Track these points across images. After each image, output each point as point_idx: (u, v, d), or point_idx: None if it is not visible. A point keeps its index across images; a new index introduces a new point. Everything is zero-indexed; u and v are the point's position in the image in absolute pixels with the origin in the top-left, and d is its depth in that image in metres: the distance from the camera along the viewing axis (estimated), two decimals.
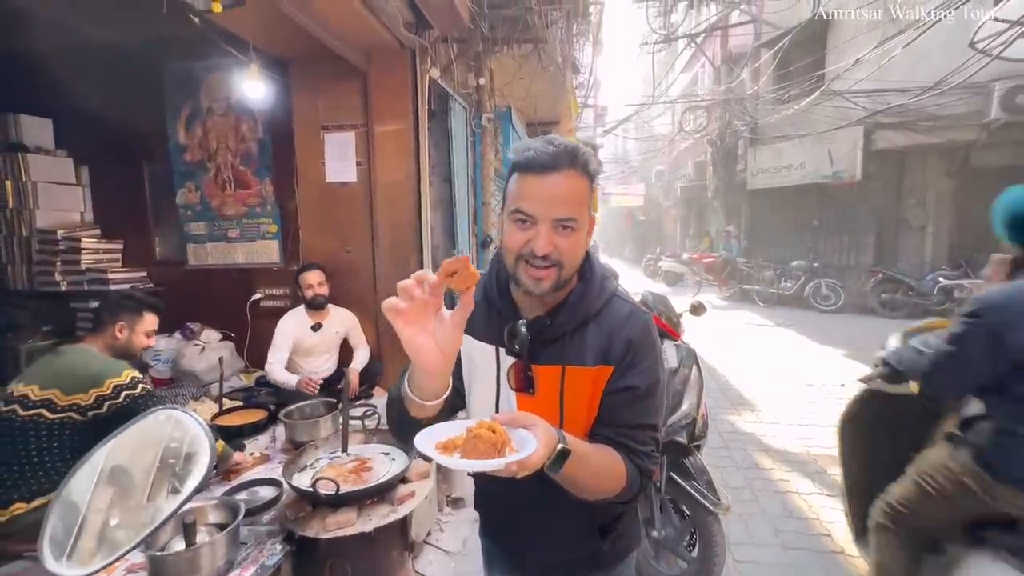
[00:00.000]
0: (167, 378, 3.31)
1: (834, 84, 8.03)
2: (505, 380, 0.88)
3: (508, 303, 0.89)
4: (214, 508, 1.59)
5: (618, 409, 0.84)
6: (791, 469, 3.18)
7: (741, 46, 11.79)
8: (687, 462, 2.04)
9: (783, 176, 10.33)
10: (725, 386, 5.00)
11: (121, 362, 1.79)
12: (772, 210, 11.28)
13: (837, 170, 9.22)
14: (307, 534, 1.59)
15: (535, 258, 0.77)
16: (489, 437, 0.63)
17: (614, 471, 0.81)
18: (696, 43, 12.24)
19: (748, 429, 3.85)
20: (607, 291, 0.89)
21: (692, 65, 15.69)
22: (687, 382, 2.13)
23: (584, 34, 5.50)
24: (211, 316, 3.49)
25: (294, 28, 2.43)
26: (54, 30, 2.82)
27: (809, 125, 9.41)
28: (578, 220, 0.78)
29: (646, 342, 0.86)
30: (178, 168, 3.45)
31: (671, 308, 2.46)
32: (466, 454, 0.63)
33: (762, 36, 10.69)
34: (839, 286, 9.14)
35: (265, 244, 3.44)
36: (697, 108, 13.17)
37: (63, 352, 1.79)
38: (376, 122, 3.03)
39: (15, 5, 2.55)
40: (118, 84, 3.26)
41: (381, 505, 1.74)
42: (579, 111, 7.84)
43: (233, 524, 1.47)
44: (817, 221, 10.29)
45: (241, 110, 3.31)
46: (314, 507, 1.70)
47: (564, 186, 0.77)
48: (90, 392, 1.67)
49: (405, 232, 3.10)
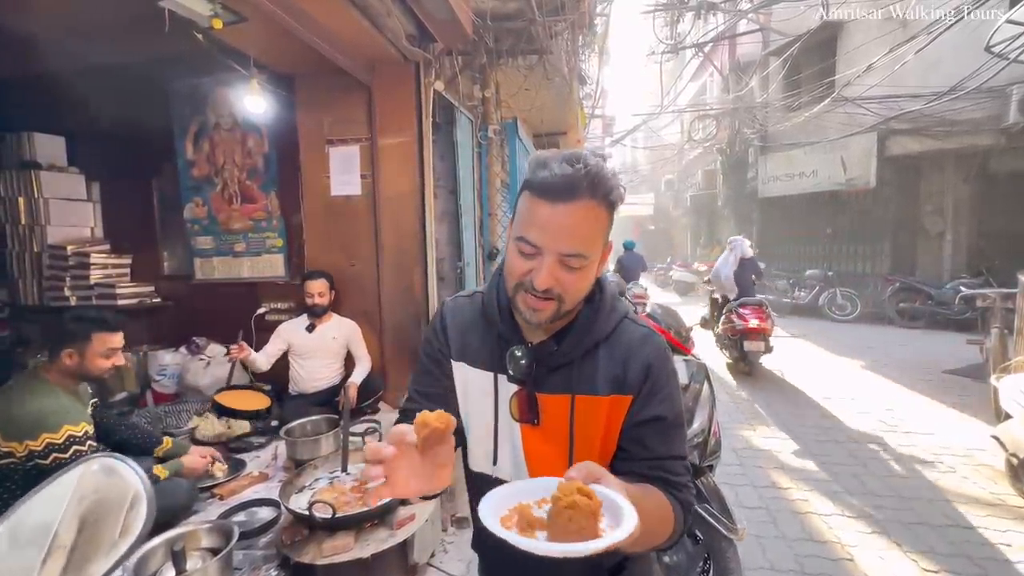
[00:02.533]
0: (172, 393, 3.31)
1: (845, 91, 7.93)
2: (506, 410, 0.82)
3: (510, 325, 0.82)
4: (207, 532, 1.55)
5: (647, 441, 0.78)
6: (810, 489, 3.05)
7: (749, 54, 11.76)
8: (699, 483, 1.96)
9: (795, 184, 10.20)
10: (739, 399, 4.87)
11: (64, 411, 1.58)
12: (784, 218, 11.13)
13: (850, 177, 9.09)
14: (302, 560, 1.54)
15: (535, 289, 0.71)
16: (587, 505, 0.51)
17: (665, 511, 0.73)
18: (703, 52, 12.24)
19: (764, 445, 3.73)
20: (618, 313, 0.83)
21: (700, 74, 15.68)
22: (698, 399, 2.05)
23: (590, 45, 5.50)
24: (217, 330, 3.48)
25: (298, 43, 2.43)
26: (65, 52, 2.87)
27: (820, 132, 9.30)
28: (588, 256, 0.71)
29: (666, 367, 0.80)
30: (186, 183, 3.48)
31: (681, 322, 2.39)
32: (559, 529, 0.51)
33: (770, 44, 10.64)
34: (855, 295, 8.94)
35: (270, 258, 3.43)
36: (706, 117, 13.12)
37: (16, 385, 1.62)
38: (380, 135, 3.03)
39: (28, 30, 2.61)
40: (128, 102, 3.30)
41: (380, 529, 1.69)
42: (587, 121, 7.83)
43: (225, 550, 1.42)
44: (831, 229, 10.13)
45: (248, 125, 3.33)
46: (311, 531, 1.65)
47: (577, 218, 0.68)
48: (25, 443, 1.50)
49: (409, 244, 3.07)
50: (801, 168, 10.02)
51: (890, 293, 8.37)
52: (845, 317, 8.90)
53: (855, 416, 4.26)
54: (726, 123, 12.65)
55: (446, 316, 0.90)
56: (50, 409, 1.56)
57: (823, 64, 9.34)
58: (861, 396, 4.80)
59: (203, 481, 2.13)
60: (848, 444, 3.68)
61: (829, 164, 9.39)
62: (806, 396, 4.88)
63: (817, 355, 6.64)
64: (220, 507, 1.92)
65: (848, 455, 3.49)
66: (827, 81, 8.85)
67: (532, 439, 0.81)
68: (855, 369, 5.83)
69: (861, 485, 3.07)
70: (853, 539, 2.51)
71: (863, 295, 8.98)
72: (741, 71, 12.02)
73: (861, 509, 2.80)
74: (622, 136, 14.88)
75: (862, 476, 3.18)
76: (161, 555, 1.42)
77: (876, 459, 3.42)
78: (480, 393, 0.84)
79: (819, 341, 7.43)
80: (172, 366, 3.32)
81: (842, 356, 6.47)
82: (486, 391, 0.83)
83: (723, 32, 11.64)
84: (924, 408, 4.40)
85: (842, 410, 4.43)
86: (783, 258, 11.10)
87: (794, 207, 10.69)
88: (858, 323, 8.68)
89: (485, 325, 0.86)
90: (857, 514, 2.75)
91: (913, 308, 8.13)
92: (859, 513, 2.76)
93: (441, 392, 0.88)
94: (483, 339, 0.85)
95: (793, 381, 5.40)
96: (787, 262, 10.93)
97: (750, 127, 11.53)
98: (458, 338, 0.87)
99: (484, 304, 0.86)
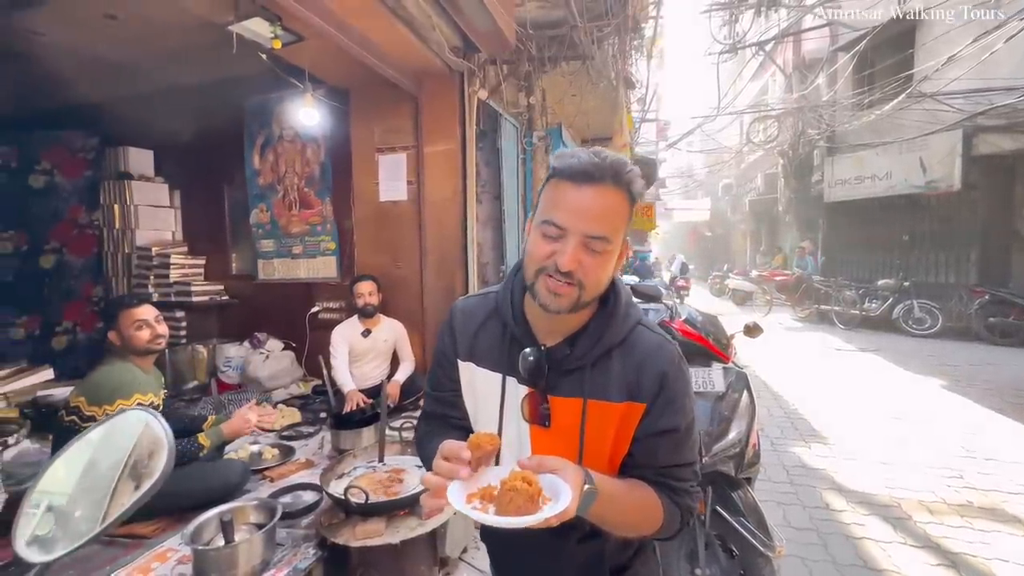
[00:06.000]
0: (236, 383, 3.59)
1: (923, 85, 7.30)
2: (512, 411, 0.83)
3: (523, 325, 0.84)
4: (254, 508, 1.68)
5: (658, 452, 0.80)
6: (868, 513, 2.82)
7: (815, 51, 11.10)
8: (735, 496, 1.88)
9: (866, 187, 9.48)
10: (794, 415, 4.58)
11: (137, 383, 1.83)
12: (853, 224, 10.36)
13: (931, 179, 8.32)
14: (338, 541, 1.64)
15: (557, 272, 0.72)
16: (525, 490, 0.61)
17: (648, 508, 0.77)
18: (765, 51, 11.69)
19: (818, 464, 3.49)
20: (632, 319, 0.83)
21: (761, 74, 14.99)
22: (735, 408, 1.97)
23: (638, 48, 5.43)
24: (276, 327, 3.75)
25: (350, 59, 2.61)
26: (154, 76, 3.25)
27: (895, 131, 8.60)
28: (611, 240, 0.73)
29: (680, 376, 0.80)
30: (252, 190, 3.79)
31: (721, 329, 2.31)
32: (502, 508, 0.61)
33: (839, 40, 10.00)
34: (935, 308, 8.14)
35: (324, 260, 3.66)
36: (767, 118, 12.50)
37: (101, 362, 1.90)
38: (426, 143, 3.16)
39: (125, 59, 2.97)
40: (205, 118, 3.67)
41: (410, 518, 1.76)
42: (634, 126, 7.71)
43: (268, 525, 1.54)
44: (908, 236, 9.30)
45: (307, 136, 3.58)
46: (346, 515, 1.74)
47: (602, 201, 0.72)
48: (103, 407, 1.73)
49: (452, 248, 3.17)
50: (873, 170, 9.30)
51: (978, 306, 7.56)
52: (923, 331, 8.12)
53: (930, 439, 3.89)
54: (789, 124, 11.98)
55: (455, 316, 0.92)
56: (125, 380, 1.81)
57: (899, 57, 8.65)
58: (939, 418, 4.37)
59: (257, 463, 2.31)
60: (920, 469, 3.37)
61: (906, 165, 8.65)
62: (873, 415, 4.51)
63: (889, 371, 6.12)
64: (270, 488, 2.08)
65: (919, 480, 3.20)
66: (903, 76, 8.18)
67: (541, 441, 0.82)
68: (933, 389, 5.32)
69: (931, 514, 2.80)
70: (917, 571, 2.30)
71: (945, 308, 8.16)
72: (806, 69, 11.37)
73: (929, 539, 2.56)
74: (677, 140, 14.48)
75: (933, 504, 2.90)
76: (214, 526, 1.56)
77: (952, 487, 3.11)
78: (487, 393, 0.86)
79: (892, 357, 6.83)
80: (236, 358, 3.61)
81: (918, 374, 5.92)
82: (493, 392, 0.85)
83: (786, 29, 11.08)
84: (1013, 435, 3.95)
85: (915, 432, 4.05)
86: (851, 267, 10.32)
87: (864, 212, 9.93)
88: (938, 338, 7.89)
89: (497, 326, 0.87)
90: (923, 544, 2.51)
91: (1005, 323, 7.29)
92: (926, 543, 2.52)
93: (451, 391, 0.91)
94: (494, 340, 0.86)
95: (858, 398, 5.01)
96: (855, 271, 10.14)
97: (815, 128, 10.86)
98: (466, 338, 0.89)
99: (498, 304, 0.87)
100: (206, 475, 1.91)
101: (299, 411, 2.99)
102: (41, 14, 2.42)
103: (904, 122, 8.25)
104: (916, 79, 7.64)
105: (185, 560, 1.57)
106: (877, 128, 8.81)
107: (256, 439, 2.62)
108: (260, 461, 2.35)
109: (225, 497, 1.84)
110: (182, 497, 1.79)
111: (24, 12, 2.39)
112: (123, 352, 1.91)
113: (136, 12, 2.49)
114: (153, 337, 1.93)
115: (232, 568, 1.45)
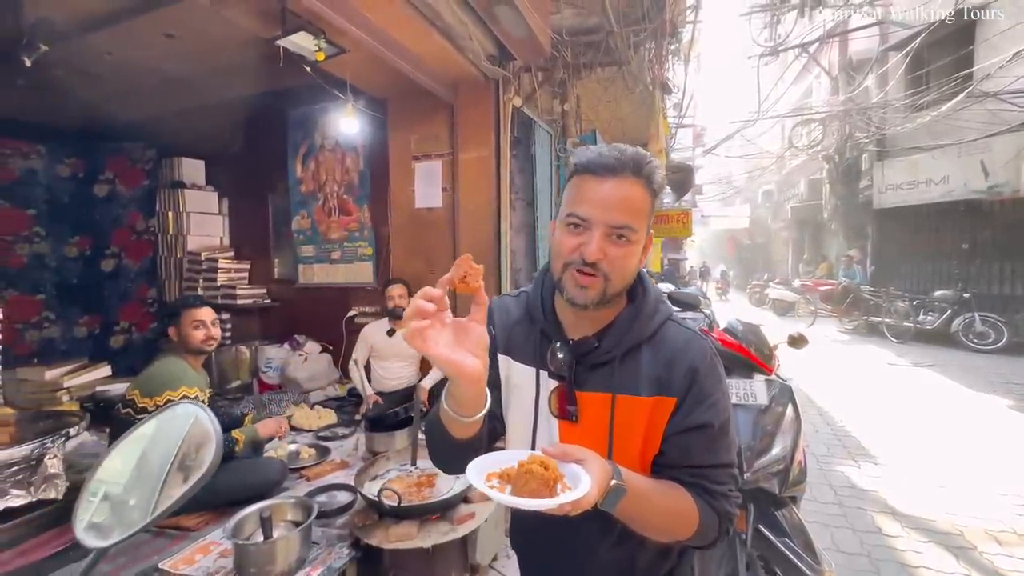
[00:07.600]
0: (276, 384, 3.71)
1: (985, 84, 6.86)
2: (545, 405, 0.84)
3: (553, 322, 0.85)
4: (292, 506, 1.72)
5: (691, 449, 0.77)
6: (926, 540, 2.63)
7: (863, 51, 10.63)
8: (780, 516, 1.79)
9: (920, 193, 8.96)
10: (841, 432, 4.34)
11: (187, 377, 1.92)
12: (905, 232, 9.81)
13: (993, 184, 7.79)
14: (371, 542, 1.65)
15: (584, 264, 0.73)
16: (541, 474, 0.60)
17: (682, 510, 0.75)
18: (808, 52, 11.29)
19: (868, 485, 3.28)
20: (661, 314, 0.82)
21: (804, 77, 14.48)
22: (779, 422, 1.88)
23: (675, 53, 5.34)
24: (314, 330, 3.87)
25: (389, 69, 2.68)
26: (206, 89, 3.42)
27: (954, 133, 8.11)
28: (635, 230, 0.74)
29: (713, 372, 0.78)
30: (295, 198, 3.93)
31: (763, 338, 2.21)
32: (517, 490, 0.60)
33: (889, 39, 9.55)
34: (1000, 322, 7.57)
35: (361, 265, 3.75)
36: (811, 121, 12.04)
37: (156, 358, 2.03)
38: (461, 150, 3.20)
39: (181, 73, 3.15)
40: (252, 128, 3.84)
41: (441, 523, 1.76)
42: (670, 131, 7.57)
43: (305, 523, 1.57)
44: (967, 244, 8.72)
45: (346, 145, 3.70)
46: (380, 517, 1.76)
47: (624, 192, 0.73)
48: (153, 399, 1.83)
49: (485, 254, 3.19)
50: (928, 174, 8.79)
51: None
52: (986, 346, 7.56)
53: (997, 463, 3.60)
54: (834, 127, 11.49)
55: (493, 312, 0.93)
56: (175, 374, 1.92)
57: (957, 55, 8.16)
58: (1006, 440, 4.04)
59: (294, 462, 2.37)
60: (986, 494, 3.12)
61: (965, 169, 8.13)
62: (929, 434, 4.22)
63: (947, 388, 5.72)
64: (307, 487, 2.13)
65: (985, 507, 2.96)
66: (962, 74, 7.71)
67: (569, 436, 0.81)
68: (999, 408, 4.93)
69: (1000, 544, 2.58)
70: None
71: (1011, 321, 7.58)
72: (853, 70, 10.90)
73: (998, 573, 2.36)
74: (715, 145, 14.15)
75: (1002, 534, 2.68)
76: (254, 522, 1.61)
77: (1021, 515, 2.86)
78: (522, 387, 0.86)
79: (951, 373, 6.39)
80: (276, 360, 3.73)
81: (981, 391, 5.50)
82: (528, 386, 0.85)
83: (832, 29, 10.68)
84: None
85: (978, 454, 3.76)
86: (904, 277, 9.76)
87: (918, 219, 9.39)
88: (1003, 354, 7.33)
89: (529, 322, 0.88)
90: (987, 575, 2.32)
91: None
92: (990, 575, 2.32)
93: (491, 379, 0.90)
94: (527, 336, 0.87)
95: (913, 415, 4.70)
96: (909, 281, 9.59)
97: (864, 131, 10.37)
98: (504, 333, 0.90)
99: (529, 302, 0.89)
100: (247, 472, 1.98)
101: (335, 412, 3.06)
102: (109, 35, 2.61)
103: (963, 123, 7.77)
104: (977, 77, 7.19)
105: (226, 554, 1.62)
106: (933, 130, 8.33)
107: (294, 439, 2.70)
108: (297, 460, 2.41)
109: (264, 494, 1.90)
110: (224, 492, 1.86)
111: (95, 33, 2.57)
112: (178, 349, 2.03)
113: (192, 30, 2.64)
114: (207, 338, 2.06)
115: (270, 563, 1.49)
